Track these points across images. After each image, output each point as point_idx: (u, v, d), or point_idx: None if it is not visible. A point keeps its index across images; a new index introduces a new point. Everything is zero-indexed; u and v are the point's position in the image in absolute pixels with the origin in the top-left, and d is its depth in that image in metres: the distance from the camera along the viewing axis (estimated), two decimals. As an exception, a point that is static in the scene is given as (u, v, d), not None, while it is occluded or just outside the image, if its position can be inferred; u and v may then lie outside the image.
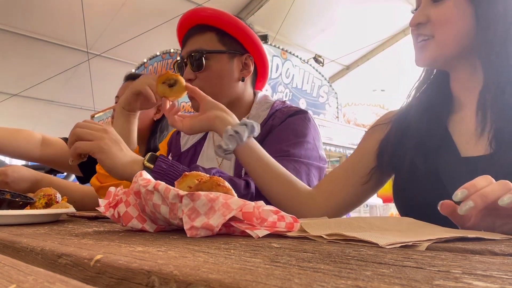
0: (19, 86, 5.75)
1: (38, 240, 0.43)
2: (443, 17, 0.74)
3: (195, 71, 1.06)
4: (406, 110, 0.86)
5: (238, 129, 0.81)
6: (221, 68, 1.07)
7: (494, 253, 0.33)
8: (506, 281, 0.21)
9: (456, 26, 0.73)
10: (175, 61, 1.14)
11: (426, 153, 0.75)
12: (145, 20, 5.09)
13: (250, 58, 1.11)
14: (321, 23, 6.11)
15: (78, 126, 0.81)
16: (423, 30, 0.77)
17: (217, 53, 1.07)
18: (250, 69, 1.11)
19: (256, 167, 0.83)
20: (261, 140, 1.02)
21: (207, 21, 1.08)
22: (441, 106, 0.81)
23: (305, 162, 0.97)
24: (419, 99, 0.84)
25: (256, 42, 1.10)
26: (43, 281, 0.26)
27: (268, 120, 1.05)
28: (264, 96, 1.17)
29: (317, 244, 0.39)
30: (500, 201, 0.43)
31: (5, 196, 0.72)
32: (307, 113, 1.07)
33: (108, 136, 0.80)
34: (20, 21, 5.01)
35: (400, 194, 0.82)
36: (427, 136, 0.77)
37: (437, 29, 0.75)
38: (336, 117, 5.76)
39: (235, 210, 0.44)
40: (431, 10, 0.75)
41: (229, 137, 0.81)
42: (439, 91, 0.83)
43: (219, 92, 1.07)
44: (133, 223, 0.52)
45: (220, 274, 0.23)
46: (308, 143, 1.00)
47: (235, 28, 1.07)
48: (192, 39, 1.09)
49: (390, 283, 0.21)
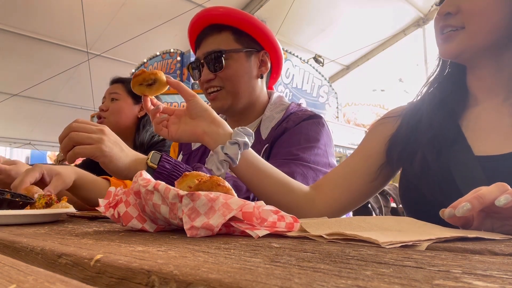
0: (19, 86, 5.76)
1: (38, 240, 0.43)
2: (477, 7, 0.70)
3: (214, 71, 1.06)
4: (418, 104, 0.83)
5: (229, 151, 0.74)
6: (240, 67, 1.07)
7: (494, 253, 0.33)
8: (506, 280, 0.21)
9: (490, 18, 0.70)
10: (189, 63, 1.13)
11: (439, 150, 0.73)
12: (145, 20, 5.09)
13: (267, 54, 1.11)
14: (321, 23, 6.11)
15: (72, 129, 0.75)
16: (452, 21, 0.73)
17: (235, 52, 1.06)
18: (267, 65, 1.11)
19: (253, 179, 0.79)
20: (273, 142, 1.02)
21: (221, 20, 1.08)
22: (455, 102, 0.78)
23: (313, 167, 0.96)
24: (433, 94, 0.81)
25: (271, 38, 1.10)
26: (43, 281, 0.26)
27: (282, 122, 1.05)
28: (279, 97, 1.17)
29: (317, 244, 0.39)
30: (496, 202, 0.43)
31: (5, 196, 0.72)
32: (321, 118, 1.07)
33: (107, 138, 0.76)
34: (20, 21, 5.02)
35: (409, 192, 0.79)
36: (440, 132, 0.74)
37: (469, 20, 0.71)
38: (336, 117, 5.77)
39: (235, 210, 0.44)
40: (462, 0, 0.72)
41: (221, 162, 0.75)
42: (454, 86, 0.80)
43: (240, 90, 1.08)
44: (133, 223, 0.52)
45: (220, 274, 0.23)
46: (319, 149, 1.00)
47: (250, 25, 1.07)
48: (207, 39, 1.08)
49: (390, 282, 0.21)
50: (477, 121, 0.75)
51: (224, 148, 0.75)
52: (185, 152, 1.21)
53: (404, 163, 0.80)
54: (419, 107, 0.82)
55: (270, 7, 5.53)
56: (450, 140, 0.73)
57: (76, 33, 5.15)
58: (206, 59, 1.06)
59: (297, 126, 1.03)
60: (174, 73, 4.41)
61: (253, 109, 1.13)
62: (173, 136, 0.80)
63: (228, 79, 1.06)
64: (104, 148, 0.75)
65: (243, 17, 1.07)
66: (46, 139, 7.66)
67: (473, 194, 0.46)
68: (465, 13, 0.71)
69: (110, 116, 1.63)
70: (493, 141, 0.71)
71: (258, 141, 1.05)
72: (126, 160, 0.79)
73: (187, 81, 4.27)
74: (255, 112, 1.13)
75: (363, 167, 0.84)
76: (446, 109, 0.78)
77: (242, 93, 1.08)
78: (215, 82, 1.07)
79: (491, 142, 0.71)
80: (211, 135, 0.77)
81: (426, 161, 0.73)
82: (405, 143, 0.79)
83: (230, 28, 1.07)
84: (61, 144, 0.76)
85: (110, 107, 1.65)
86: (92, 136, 0.75)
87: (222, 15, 1.07)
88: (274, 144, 1.02)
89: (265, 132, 1.06)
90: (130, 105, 1.67)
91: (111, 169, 0.77)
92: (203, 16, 1.09)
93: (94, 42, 5.38)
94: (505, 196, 0.43)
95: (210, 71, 1.06)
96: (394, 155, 0.80)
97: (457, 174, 0.69)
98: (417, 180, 0.75)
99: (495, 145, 0.70)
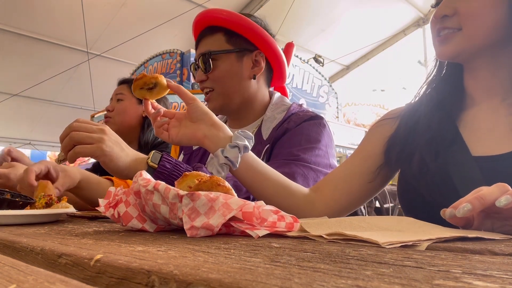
0: (19, 86, 5.75)
1: (38, 240, 0.43)
2: (474, 9, 0.70)
3: (206, 72, 1.07)
4: (415, 106, 0.84)
5: (229, 154, 0.75)
6: (229, 68, 1.07)
7: (494, 253, 0.33)
8: (506, 280, 0.21)
9: (487, 19, 0.70)
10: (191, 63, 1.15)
11: (437, 151, 0.73)
12: (145, 20, 5.09)
13: (261, 55, 1.11)
14: (321, 23, 6.11)
15: (73, 128, 0.75)
16: (449, 23, 0.73)
17: (224, 53, 1.07)
18: (261, 65, 1.11)
19: (253, 182, 0.79)
20: (274, 143, 1.02)
21: (215, 22, 1.09)
22: (453, 103, 0.78)
23: (314, 168, 0.96)
24: (430, 95, 0.82)
25: (265, 38, 1.10)
26: (43, 281, 0.26)
27: (283, 123, 1.05)
28: (281, 97, 1.17)
29: (317, 244, 0.39)
30: (497, 202, 0.43)
31: (5, 196, 0.72)
32: (323, 119, 1.07)
33: (108, 138, 0.76)
34: (20, 21, 5.02)
35: (407, 193, 0.79)
36: (438, 133, 0.75)
37: (466, 22, 0.71)
38: (336, 117, 5.77)
39: (235, 210, 0.44)
40: (459, 2, 0.72)
41: (221, 165, 0.75)
42: (451, 87, 0.80)
43: (230, 91, 1.08)
44: (133, 223, 0.52)
45: (220, 274, 0.23)
46: (320, 150, 1.00)
47: (242, 26, 1.08)
48: (202, 41, 1.10)
49: (390, 282, 0.21)
50: (475, 122, 0.75)
51: (224, 151, 0.75)
52: (186, 152, 1.22)
53: (403, 164, 0.80)
54: (417, 108, 0.82)
55: (270, 7, 5.53)
56: (448, 141, 0.73)
57: (76, 33, 5.15)
58: (199, 60, 1.08)
59: (298, 126, 1.03)
60: (174, 73, 4.41)
61: (251, 109, 1.13)
62: (173, 139, 0.81)
63: (217, 80, 1.07)
64: (104, 147, 0.75)
65: (236, 19, 1.07)
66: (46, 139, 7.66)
67: (474, 195, 0.46)
68: (462, 15, 0.71)
69: (115, 116, 1.68)
70: (490, 141, 0.71)
71: (259, 142, 1.05)
72: (127, 159, 0.79)
73: (187, 81, 4.27)
74: (255, 112, 1.13)
75: (363, 168, 0.84)
76: (443, 110, 0.78)
77: (232, 93, 1.08)
78: (207, 83, 1.09)
79: (488, 142, 0.71)
80: (211, 138, 0.78)
81: (424, 162, 0.73)
82: (403, 144, 0.79)
83: (223, 29, 1.08)
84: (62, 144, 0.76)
85: (115, 107, 1.70)
86: (92, 135, 0.75)
87: (216, 17, 1.08)
88: (275, 144, 1.02)
89: (266, 133, 1.06)
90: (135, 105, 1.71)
91: (111, 169, 0.78)
92: (201, 18, 1.11)
93: (94, 42, 5.38)
94: (505, 197, 0.43)
95: (203, 72, 1.08)
96: (393, 156, 0.81)
97: (455, 175, 0.69)
98: (416, 181, 0.75)
99: (492, 146, 0.70)
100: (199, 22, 1.12)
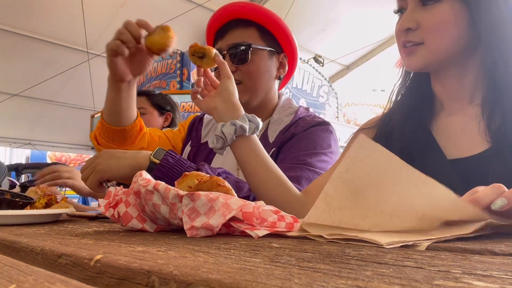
0: (19, 86, 5.75)
1: (38, 240, 0.43)
2: (435, 23, 0.71)
3: (237, 64, 1.06)
4: (389, 114, 0.85)
5: (225, 130, 0.80)
6: (263, 64, 1.07)
7: (494, 253, 0.33)
8: (506, 281, 0.21)
9: (449, 32, 0.71)
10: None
11: (412, 158, 0.74)
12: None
13: (286, 57, 1.12)
14: (321, 23, 6.11)
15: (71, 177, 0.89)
16: (412, 37, 0.74)
17: (260, 49, 1.07)
18: (285, 68, 1.12)
19: (250, 163, 0.81)
20: (280, 147, 1.03)
21: (249, 16, 1.07)
22: (424, 109, 0.80)
23: (319, 172, 0.96)
24: (401, 103, 0.83)
25: (292, 43, 1.10)
26: (43, 281, 0.26)
27: (290, 127, 1.05)
28: (288, 100, 1.17)
29: (317, 244, 0.39)
30: (492, 206, 0.43)
31: (5, 196, 0.72)
32: (330, 125, 1.08)
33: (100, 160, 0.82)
34: (20, 21, 5.01)
35: None
36: (412, 141, 0.76)
37: (428, 36, 0.72)
38: (336, 117, 5.76)
39: (235, 210, 0.44)
40: (421, 15, 0.72)
41: (217, 137, 0.81)
42: (419, 93, 0.82)
43: (259, 87, 1.08)
44: (133, 223, 0.52)
45: (220, 274, 0.23)
46: (326, 155, 1.01)
47: (276, 26, 1.08)
48: (233, 32, 1.07)
49: (390, 283, 0.21)
50: (447, 126, 0.77)
51: (224, 126, 0.80)
52: (193, 145, 1.20)
53: None
54: (390, 117, 0.84)
55: (270, 7, 5.48)
56: (422, 147, 0.75)
57: (76, 33, 5.14)
58: (230, 51, 1.05)
59: (305, 132, 1.03)
60: (174, 73, 4.40)
61: (265, 110, 1.13)
62: (199, 103, 0.88)
63: (249, 74, 1.06)
64: (101, 167, 0.82)
65: (270, 16, 1.07)
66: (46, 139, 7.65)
67: (469, 197, 0.45)
68: (423, 29, 0.72)
69: None
70: (463, 143, 0.73)
71: (264, 145, 1.04)
72: (125, 162, 0.82)
73: (187, 81, 4.26)
74: (264, 113, 1.12)
75: None
76: (415, 116, 0.79)
77: (259, 90, 1.08)
78: (235, 75, 1.04)
79: (461, 144, 0.73)
80: (219, 111, 0.83)
81: None
82: None
83: (255, 24, 1.07)
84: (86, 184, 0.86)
85: None
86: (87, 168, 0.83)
87: (250, 10, 1.07)
88: (281, 148, 1.03)
89: (273, 136, 1.06)
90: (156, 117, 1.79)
91: (119, 177, 0.83)
92: (230, 9, 1.08)
93: (94, 42, 5.37)
94: (500, 199, 0.43)
95: (233, 63, 1.05)
96: None
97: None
98: None
99: (465, 147, 0.72)
100: (226, 12, 1.09)
